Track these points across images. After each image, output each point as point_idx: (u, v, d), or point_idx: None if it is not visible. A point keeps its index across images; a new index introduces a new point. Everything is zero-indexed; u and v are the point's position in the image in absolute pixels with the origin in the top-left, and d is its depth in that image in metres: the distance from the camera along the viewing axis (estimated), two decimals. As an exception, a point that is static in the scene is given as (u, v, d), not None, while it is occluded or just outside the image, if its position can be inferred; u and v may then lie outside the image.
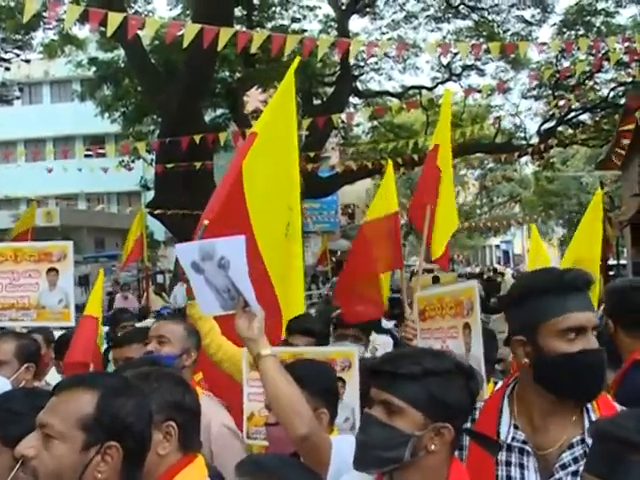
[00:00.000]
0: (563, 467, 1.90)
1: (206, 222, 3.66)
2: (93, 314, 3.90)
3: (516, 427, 1.99)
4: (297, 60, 4.50)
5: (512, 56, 22.53)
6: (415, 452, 1.77)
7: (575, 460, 1.90)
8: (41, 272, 4.17)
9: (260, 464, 1.77)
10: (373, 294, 4.69)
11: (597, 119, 21.80)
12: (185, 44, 7.14)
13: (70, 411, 1.71)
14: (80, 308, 4.18)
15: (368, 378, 1.93)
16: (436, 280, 11.35)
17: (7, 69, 20.95)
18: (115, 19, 6.68)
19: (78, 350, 3.71)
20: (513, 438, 1.97)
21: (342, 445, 2.23)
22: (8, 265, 4.19)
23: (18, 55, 21.22)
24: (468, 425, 2.04)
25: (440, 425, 1.78)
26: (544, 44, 11.16)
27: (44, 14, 14.38)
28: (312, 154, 18.15)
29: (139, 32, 10.80)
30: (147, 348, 3.13)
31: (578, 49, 18.82)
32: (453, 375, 1.81)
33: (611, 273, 16.17)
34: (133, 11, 19.66)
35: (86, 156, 22.17)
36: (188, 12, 20.64)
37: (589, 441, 1.87)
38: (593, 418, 1.92)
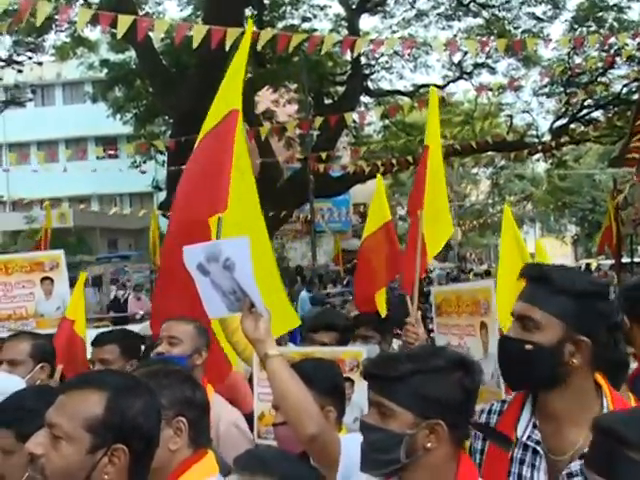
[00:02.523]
0: (570, 476, 1.89)
1: (221, 215, 3.58)
2: (69, 316, 3.94)
3: (535, 426, 1.97)
4: (250, 22, 4.37)
5: (523, 53, 22.47)
6: (412, 452, 1.79)
7: (583, 471, 1.88)
8: (35, 282, 4.20)
9: (259, 458, 1.79)
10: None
11: (610, 116, 21.64)
12: (194, 45, 7.19)
13: (78, 412, 1.70)
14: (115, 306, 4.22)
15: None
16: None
17: (20, 71, 21.07)
18: (125, 21, 6.76)
19: None
20: (529, 437, 1.96)
21: (351, 443, 2.23)
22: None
23: (31, 57, 21.34)
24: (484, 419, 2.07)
25: (433, 422, 1.79)
26: (550, 40, 11.13)
27: (56, 17, 14.46)
28: (323, 154, 18.17)
29: (149, 33, 10.88)
30: (158, 349, 3.11)
31: (588, 45, 18.76)
32: (442, 372, 1.82)
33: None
34: (143, 13, 19.73)
35: (99, 157, 22.33)
36: (199, 13, 20.70)
37: None
38: None
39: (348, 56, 23.34)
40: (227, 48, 7.34)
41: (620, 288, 3.35)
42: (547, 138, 22.86)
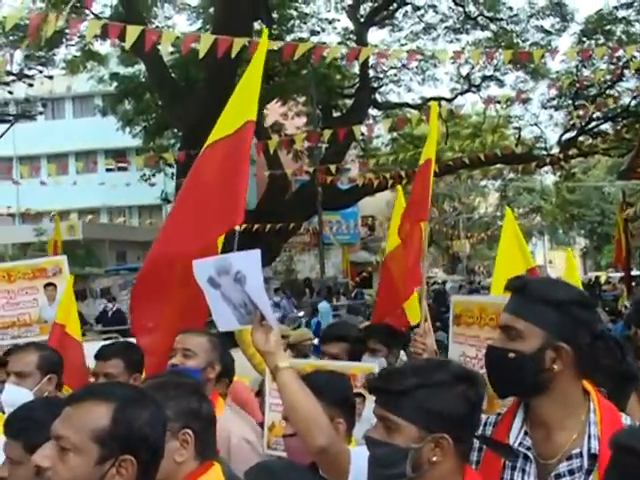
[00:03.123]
0: (557, 477, 1.93)
1: (238, 228, 3.59)
2: (59, 321, 3.95)
3: (526, 433, 2.02)
4: (265, 33, 4.33)
5: (532, 66, 22.49)
6: (418, 466, 1.80)
7: (571, 472, 1.91)
8: (38, 288, 4.20)
9: (268, 469, 1.79)
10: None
11: (618, 128, 21.62)
12: (201, 54, 7.27)
13: (85, 423, 1.69)
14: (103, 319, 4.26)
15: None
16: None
17: (30, 85, 21.24)
18: (133, 32, 6.85)
19: None
20: (520, 443, 2.00)
21: (360, 456, 2.23)
22: (2, 285, 4.21)
23: (41, 71, 21.53)
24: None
25: (438, 436, 1.80)
26: (557, 51, 11.12)
27: (66, 30, 14.59)
28: (332, 166, 18.21)
29: (159, 47, 10.98)
30: (173, 361, 3.11)
31: (596, 58, 18.70)
32: (447, 385, 1.83)
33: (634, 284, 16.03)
34: (154, 26, 19.88)
35: (108, 170, 22.46)
36: (208, 27, 20.85)
37: (586, 454, 1.90)
38: (593, 432, 1.93)
39: (356, 69, 23.44)
40: (233, 56, 7.40)
41: (632, 300, 3.36)
42: (556, 151, 22.83)
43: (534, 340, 1.96)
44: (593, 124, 22.86)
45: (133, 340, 3.90)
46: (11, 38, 18.94)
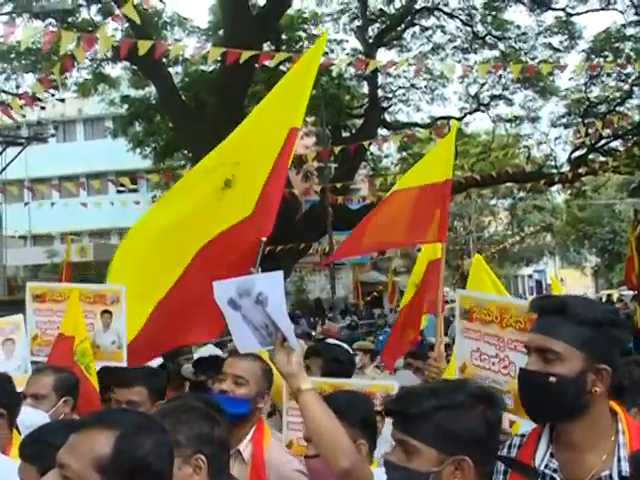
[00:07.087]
0: None
1: (264, 239, 3.60)
2: (67, 333, 3.95)
3: (552, 455, 1.98)
4: (325, 34, 4.42)
5: (540, 84, 22.48)
6: None
7: None
8: (96, 314, 4.22)
9: None
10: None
11: (629, 146, 21.55)
12: (210, 60, 7.68)
13: (87, 452, 1.67)
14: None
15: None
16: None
17: (42, 108, 21.44)
18: (144, 46, 7.17)
19: None
20: (546, 465, 1.96)
21: (383, 477, 2.22)
22: (66, 305, 4.25)
23: (53, 94, 21.72)
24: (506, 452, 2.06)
25: (459, 458, 1.77)
26: (565, 66, 11.15)
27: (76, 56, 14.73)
28: (341, 186, 18.23)
29: (170, 70, 11.18)
30: (222, 387, 2.94)
31: (607, 75, 18.68)
32: (466, 407, 1.80)
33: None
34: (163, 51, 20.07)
35: (119, 192, 22.54)
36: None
37: (617, 477, 1.87)
38: (623, 454, 1.90)
39: (365, 89, 23.53)
40: (241, 61, 7.64)
41: None
42: (566, 169, 22.77)
43: (574, 362, 1.91)
44: (603, 142, 22.78)
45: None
46: (24, 62, 19.13)
